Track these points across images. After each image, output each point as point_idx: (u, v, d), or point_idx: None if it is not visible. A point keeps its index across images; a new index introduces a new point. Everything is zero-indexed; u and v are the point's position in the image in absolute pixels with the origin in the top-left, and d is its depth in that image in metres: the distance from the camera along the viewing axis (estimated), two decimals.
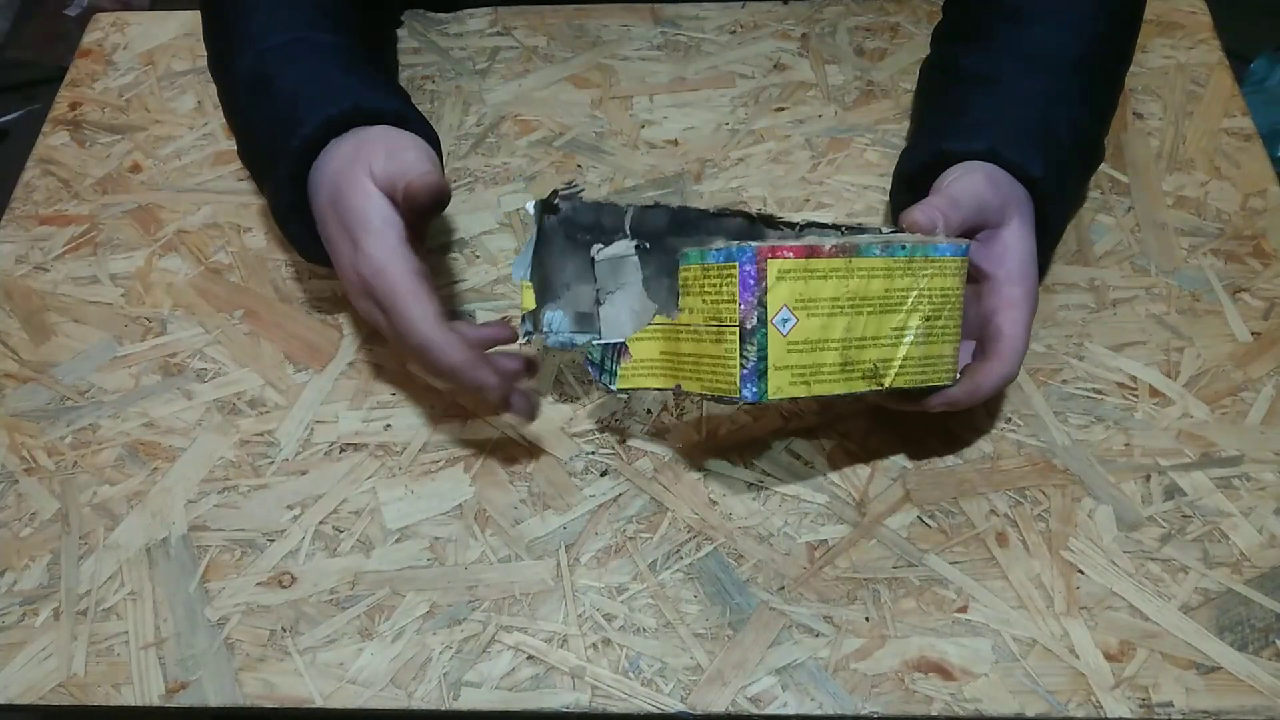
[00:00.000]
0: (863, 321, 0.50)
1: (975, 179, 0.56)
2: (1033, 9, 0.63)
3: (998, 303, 0.55)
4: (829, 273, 0.49)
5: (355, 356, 0.64)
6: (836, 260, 0.49)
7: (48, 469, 0.61)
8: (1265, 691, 0.51)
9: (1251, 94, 1.54)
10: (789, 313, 0.49)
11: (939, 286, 0.52)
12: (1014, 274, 0.55)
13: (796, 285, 0.48)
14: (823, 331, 0.49)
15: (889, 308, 0.51)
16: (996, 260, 0.56)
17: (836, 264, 0.49)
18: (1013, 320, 0.55)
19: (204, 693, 0.53)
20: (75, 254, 0.70)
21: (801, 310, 0.49)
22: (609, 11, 0.81)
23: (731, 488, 0.58)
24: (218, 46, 0.66)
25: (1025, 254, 0.56)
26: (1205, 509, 0.57)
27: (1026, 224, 0.57)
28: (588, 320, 0.58)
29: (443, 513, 0.58)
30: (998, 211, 0.56)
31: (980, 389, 0.54)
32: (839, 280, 0.49)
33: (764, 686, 0.52)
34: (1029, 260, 0.56)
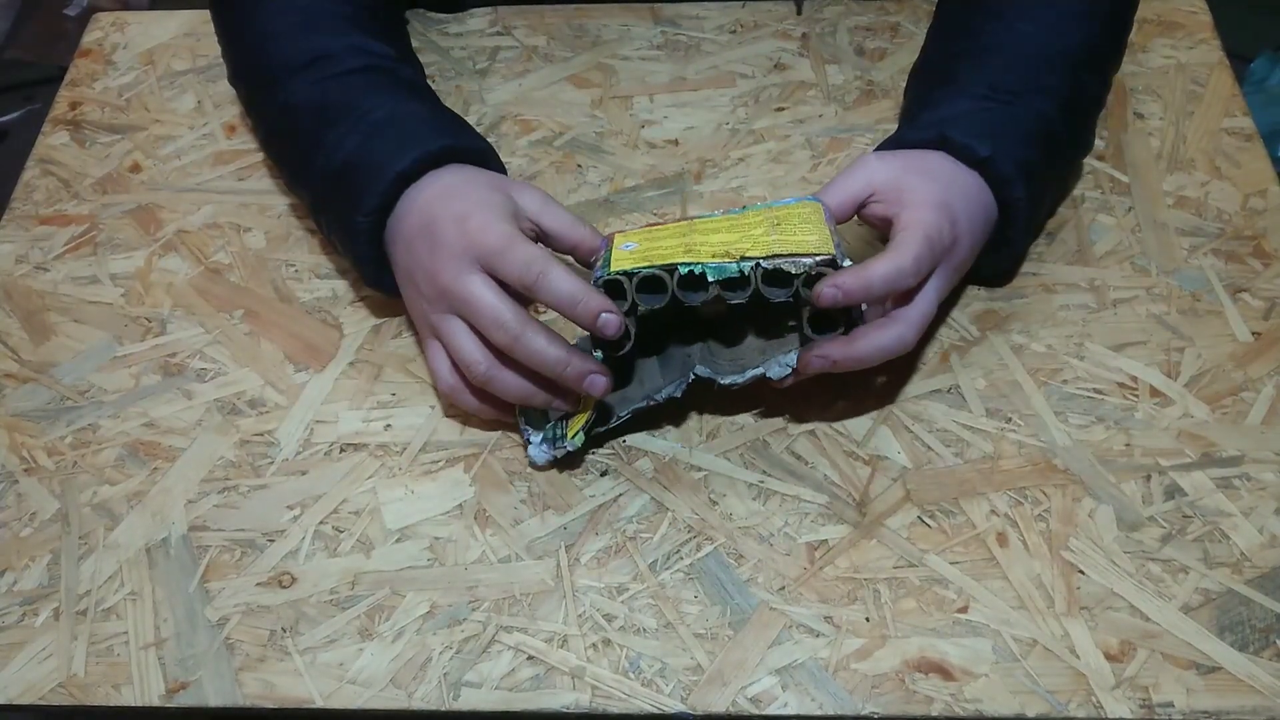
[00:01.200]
0: (704, 236, 0.56)
1: (848, 168, 0.59)
2: (1020, 6, 0.64)
3: (897, 227, 0.56)
4: (672, 231, 0.58)
5: (355, 356, 0.64)
6: (679, 223, 0.59)
7: (48, 469, 0.61)
8: (1265, 691, 0.51)
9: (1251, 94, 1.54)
10: (633, 242, 0.57)
11: (788, 212, 0.57)
12: (909, 204, 0.56)
13: (639, 234, 0.58)
14: (664, 243, 0.57)
15: (734, 229, 0.57)
16: (896, 204, 0.57)
17: (680, 225, 0.58)
18: (906, 226, 0.55)
19: (204, 693, 0.53)
20: (75, 254, 0.70)
21: (643, 238, 0.58)
22: (609, 11, 0.81)
23: (731, 488, 0.58)
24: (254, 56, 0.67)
25: (923, 193, 0.57)
26: (1206, 509, 0.56)
27: (924, 176, 0.58)
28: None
29: (443, 513, 0.58)
30: (877, 174, 0.58)
31: (871, 276, 0.53)
32: (679, 230, 0.58)
33: (764, 687, 0.52)
34: (929, 195, 0.57)
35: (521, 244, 0.55)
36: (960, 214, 0.57)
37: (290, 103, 0.64)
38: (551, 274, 0.54)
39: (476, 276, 0.55)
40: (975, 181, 0.59)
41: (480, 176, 0.60)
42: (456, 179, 0.59)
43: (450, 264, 0.55)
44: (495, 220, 0.56)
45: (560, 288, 0.54)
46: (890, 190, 0.58)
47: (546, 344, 0.54)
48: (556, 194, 0.71)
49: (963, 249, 0.58)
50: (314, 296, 0.67)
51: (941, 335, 0.64)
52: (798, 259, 0.54)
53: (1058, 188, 0.68)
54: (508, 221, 0.56)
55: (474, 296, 0.55)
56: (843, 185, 0.59)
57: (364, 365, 0.64)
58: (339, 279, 0.68)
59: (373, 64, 0.65)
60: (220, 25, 0.71)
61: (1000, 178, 0.59)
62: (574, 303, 0.54)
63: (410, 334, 0.65)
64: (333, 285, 0.67)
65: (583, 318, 0.54)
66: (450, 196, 0.58)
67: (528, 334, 0.54)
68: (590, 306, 0.53)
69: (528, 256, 0.54)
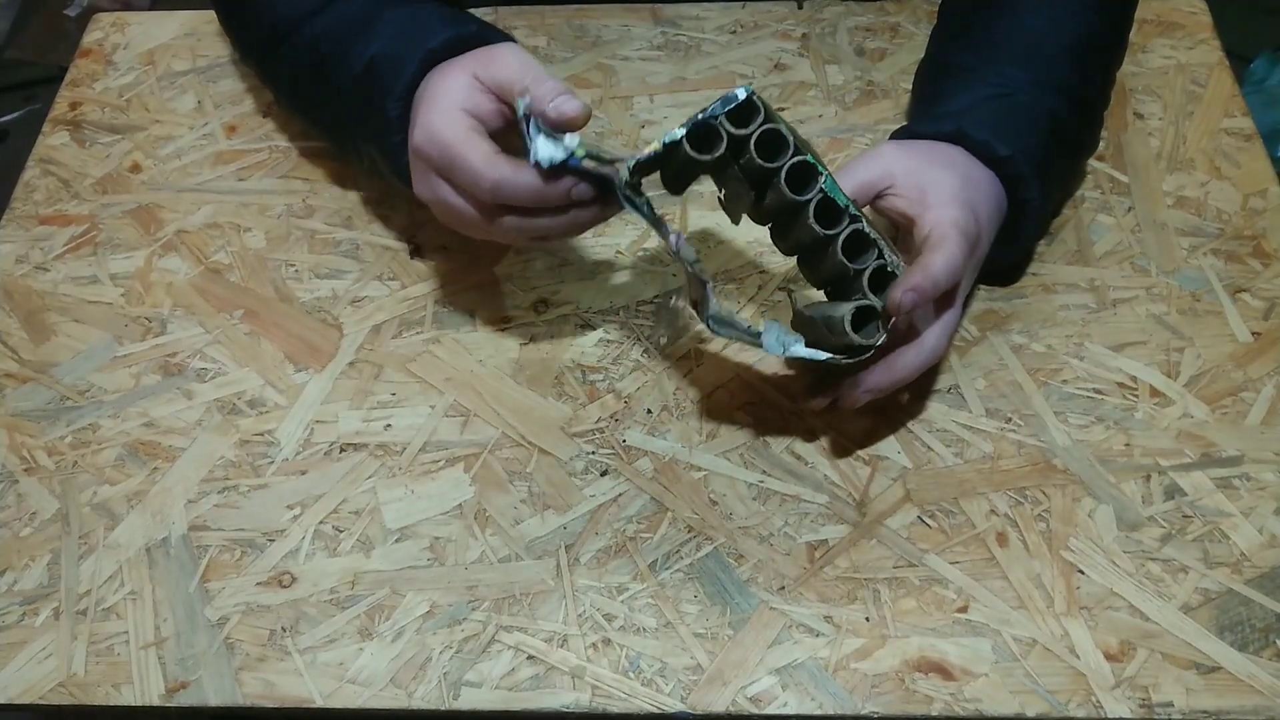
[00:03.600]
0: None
1: (864, 154, 0.58)
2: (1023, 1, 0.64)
3: (923, 227, 0.56)
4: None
5: (355, 356, 0.64)
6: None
7: (48, 469, 0.61)
8: (1265, 691, 0.51)
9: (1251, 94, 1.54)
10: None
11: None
12: (937, 202, 0.56)
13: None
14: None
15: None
16: (920, 201, 0.56)
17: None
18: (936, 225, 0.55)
19: (204, 692, 0.53)
20: (75, 254, 0.70)
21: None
22: (609, 11, 0.81)
23: (731, 488, 0.58)
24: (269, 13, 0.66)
25: (948, 188, 0.56)
26: (1205, 509, 0.56)
27: (946, 168, 0.57)
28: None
29: (443, 513, 0.58)
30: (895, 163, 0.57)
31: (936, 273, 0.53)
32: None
33: (764, 686, 0.52)
34: (954, 191, 0.56)
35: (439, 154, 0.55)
36: (981, 211, 0.57)
37: (313, 34, 0.64)
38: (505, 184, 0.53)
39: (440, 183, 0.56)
40: (990, 177, 0.59)
41: (474, 54, 0.58)
42: (459, 59, 0.58)
43: (414, 176, 0.57)
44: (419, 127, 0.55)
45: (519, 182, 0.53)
46: (911, 186, 0.57)
47: (521, 181, 0.53)
48: None
49: (983, 247, 0.58)
50: (314, 296, 0.67)
51: None
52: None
53: (1066, 186, 0.68)
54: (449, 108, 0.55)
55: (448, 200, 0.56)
56: (859, 170, 0.58)
57: (364, 365, 0.64)
58: (339, 279, 0.68)
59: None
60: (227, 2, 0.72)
61: (1017, 177, 0.59)
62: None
63: (410, 334, 0.65)
64: (333, 285, 0.67)
65: (550, 116, 0.53)
66: (435, 78, 0.57)
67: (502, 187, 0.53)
68: (558, 107, 0.53)
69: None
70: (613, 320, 0.65)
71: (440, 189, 0.56)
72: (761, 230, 0.58)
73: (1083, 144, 0.65)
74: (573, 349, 0.64)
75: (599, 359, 0.63)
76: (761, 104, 0.52)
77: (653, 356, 0.63)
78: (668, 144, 0.52)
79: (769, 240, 0.58)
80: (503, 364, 0.63)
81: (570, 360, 0.63)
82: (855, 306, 0.53)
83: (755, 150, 0.53)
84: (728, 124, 0.52)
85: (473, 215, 0.56)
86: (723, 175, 0.56)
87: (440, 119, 0.55)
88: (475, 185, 0.54)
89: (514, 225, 0.56)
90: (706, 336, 0.64)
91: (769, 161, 0.53)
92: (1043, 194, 0.60)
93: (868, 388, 0.56)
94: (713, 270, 0.67)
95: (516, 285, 0.67)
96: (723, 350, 0.63)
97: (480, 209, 0.55)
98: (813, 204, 0.54)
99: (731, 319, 0.55)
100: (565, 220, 0.55)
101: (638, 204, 0.53)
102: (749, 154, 0.53)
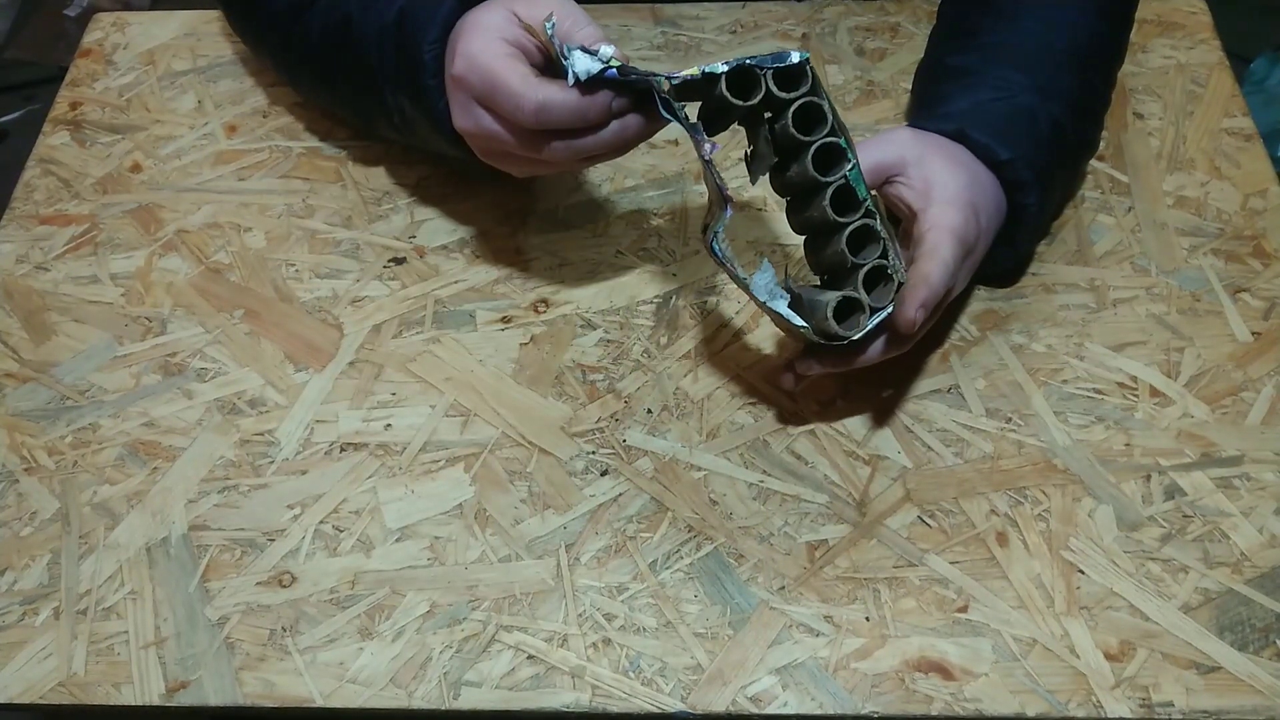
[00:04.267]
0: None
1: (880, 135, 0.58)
2: (1023, 4, 0.64)
3: (924, 225, 0.56)
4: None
5: (355, 356, 0.64)
6: None
7: (48, 468, 0.61)
8: (1265, 691, 0.51)
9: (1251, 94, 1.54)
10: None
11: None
12: (939, 201, 0.56)
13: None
14: None
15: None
16: (925, 196, 0.56)
17: None
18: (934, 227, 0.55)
19: (204, 692, 0.53)
20: (75, 254, 0.70)
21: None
22: (609, 11, 0.81)
23: (731, 488, 0.58)
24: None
25: (952, 187, 0.56)
26: (1205, 509, 0.56)
27: (954, 164, 0.57)
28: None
29: (443, 513, 0.58)
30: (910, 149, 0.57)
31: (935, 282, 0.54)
32: None
33: (764, 686, 0.52)
34: (958, 191, 0.56)
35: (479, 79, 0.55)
36: (982, 212, 0.57)
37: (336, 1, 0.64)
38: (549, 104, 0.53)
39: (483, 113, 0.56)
40: (992, 179, 0.59)
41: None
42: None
43: (455, 109, 0.57)
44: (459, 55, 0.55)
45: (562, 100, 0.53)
46: (919, 177, 0.57)
47: (563, 99, 0.53)
48: (557, 194, 0.71)
49: (980, 248, 0.58)
50: (314, 296, 0.67)
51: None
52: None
53: (1066, 190, 0.68)
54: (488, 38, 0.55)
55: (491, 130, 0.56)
56: (873, 150, 0.57)
57: (364, 365, 0.64)
58: (339, 279, 0.68)
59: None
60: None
61: (1016, 182, 0.59)
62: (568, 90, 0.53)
63: (410, 334, 0.65)
64: (333, 285, 0.67)
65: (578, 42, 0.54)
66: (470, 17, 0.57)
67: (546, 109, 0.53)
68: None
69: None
70: (613, 320, 0.65)
71: (483, 119, 0.56)
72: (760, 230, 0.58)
73: (1083, 146, 0.65)
74: (573, 349, 0.64)
75: (599, 359, 0.63)
76: (811, 73, 0.52)
77: (653, 356, 0.64)
78: (706, 73, 0.52)
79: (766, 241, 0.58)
80: (503, 364, 0.64)
81: (570, 360, 0.63)
82: (842, 296, 0.54)
83: (793, 119, 0.52)
84: (771, 81, 0.52)
85: (515, 143, 0.56)
86: (754, 131, 0.56)
87: (480, 46, 0.55)
88: (518, 109, 0.54)
89: (560, 148, 0.55)
90: (707, 336, 0.64)
91: (803, 134, 0.53)
92: (1041, 199, 0.60)
93: (827, 360, 0.56)
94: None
95: (516, 285, 0.67)
96: (723, 350, 0.63)
97: (523, 136, 0.55)
98: (833, 188, 0.54)
99: (731, 255, 0.54)
100: (610, 136, 0.55)
101: (677, 112, 0.53)
102: (785, 120, 0.53)
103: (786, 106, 0.52)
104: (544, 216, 0.70)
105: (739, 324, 0.64)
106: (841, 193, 0.54)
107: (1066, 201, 0.69)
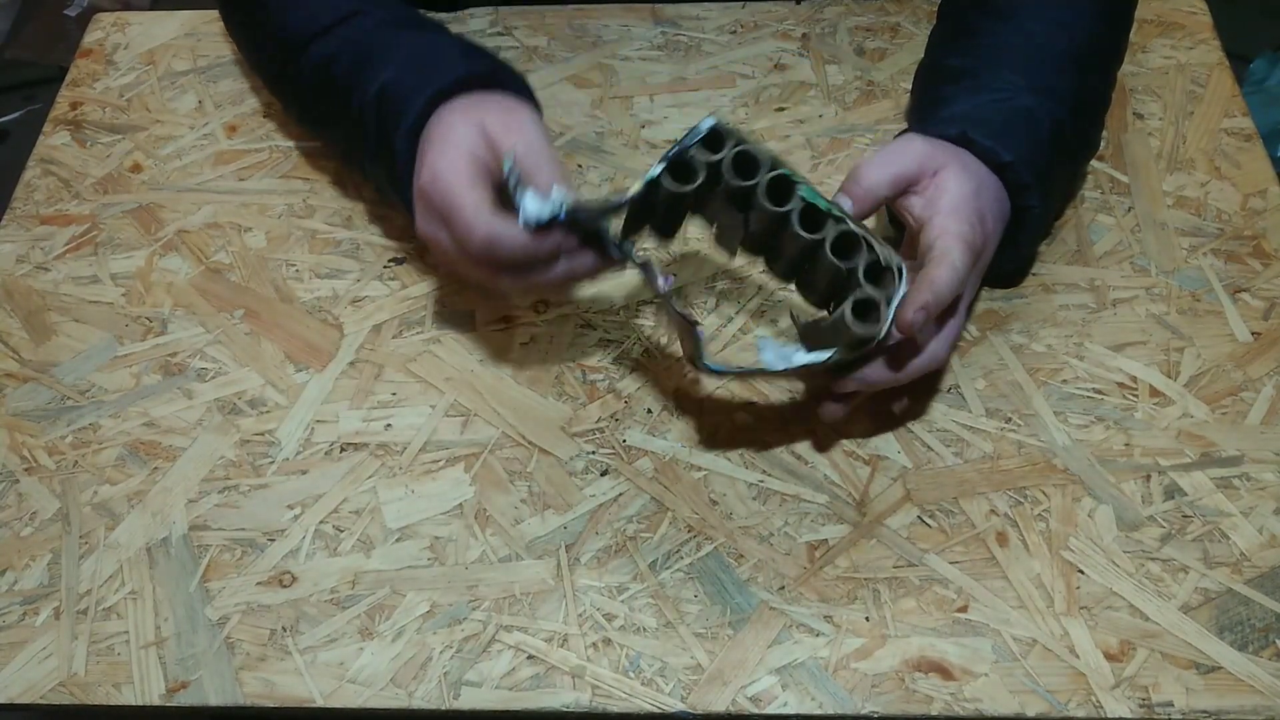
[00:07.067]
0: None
1: (896, 144, 0.58)
2: (1022, 6, 0.64)
3: (932, 233, 0.55)
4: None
5: (355, 356, 0.64)
6: None
7: (48, 468, 0.61)
8: (1265, 691, 0.51)
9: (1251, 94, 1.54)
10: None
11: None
12: (947, 210, 0.55)
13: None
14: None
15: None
16: (932, 205, 0.56)
17: None
18: (943, 234, 0.55)
19: (204, 692, 0.53)
20: (76, 254, 0.70)
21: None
22: (609, 11, 0.81)
23: (731, 488, 0.58)
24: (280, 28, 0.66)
25: (959, 195, 0.56)
26: (1205, 509, 0.57)
27: (965, 173, 0.57)
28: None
29: (443, 513, 0.58)
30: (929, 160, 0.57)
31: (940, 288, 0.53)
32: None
33: (764, 686, 0.52)
34: (965, 199, 0.56)
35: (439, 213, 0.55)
36: (989, 217, 0.57)
37: (325, 54, 0.64)
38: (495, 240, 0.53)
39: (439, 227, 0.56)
40: (996, 183, 0.59)
41: (491, 98, 0.59)
42: (471, 99, 0.58)
43: (417, 215, 0.57)
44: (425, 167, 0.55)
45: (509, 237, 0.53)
46: (929, 185, 0.57)
47: (512, 236, 0.53)
48: None
49: (988, 253, 0.58)
50: (314, 296, 0.67)
51: None
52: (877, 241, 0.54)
53: (1067, 190, 0.68)
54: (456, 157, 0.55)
55: (444, 244, 0.56)
56: (893, 161, 0.57)
57: (364, 365, 0.64)
58: (339, 279, 0.68)
59: (401, 16, 0.65)
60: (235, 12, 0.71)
61: (1019, 184, 0.58)
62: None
63: (410, 334, 0.65)
64: (333, 285, 0.67)
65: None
66: (426, 139, 0.57)
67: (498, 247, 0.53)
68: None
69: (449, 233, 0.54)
70: (613, 320, 0.65)
71: (441, 235, 0.56)
72: None
73: (1083, 147, 0.65)
74: (573, 349, 0.64)
75: (599, 359, 0.63)
76: (727, 130, 0.54)
77: (653, 356, 0.64)
78: (649, 181, 0.53)
79: None
80: (503, 364, 0.64)
81: (570, 360, 0.63)
82: (854, 299, 0.53)
83: (731, 171, 0.53)
84: (700, 153, 0.53)
85: (468, 267, 0.56)
86: (708, 208, 0.57)
87: (446, 164, 0.54)
88: (468, 239, 0.53)
89: (510, 281, 0.56)
90: (706, 336, 0.64)
91: (746, 180, 0.54)
92: (1044, 201, 0.60)
93: (861, 377, 0.56)
94: (712, 270, 0.67)
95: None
96: (723, 350, 0.63)
97: (475, 263, 0.55)
98: (795, 213, 0.54)
99: (724, 363, 0.55)
100: (561, 275, 0.55)
101: (630, 253, 0.54)
102: (726, 177, 0.53)
103: (721, 165, 0.54)
104: None
105: (739, 324, 0.64)
106: (806, 213, 0.54)
107: (1067, 202, 0.69)
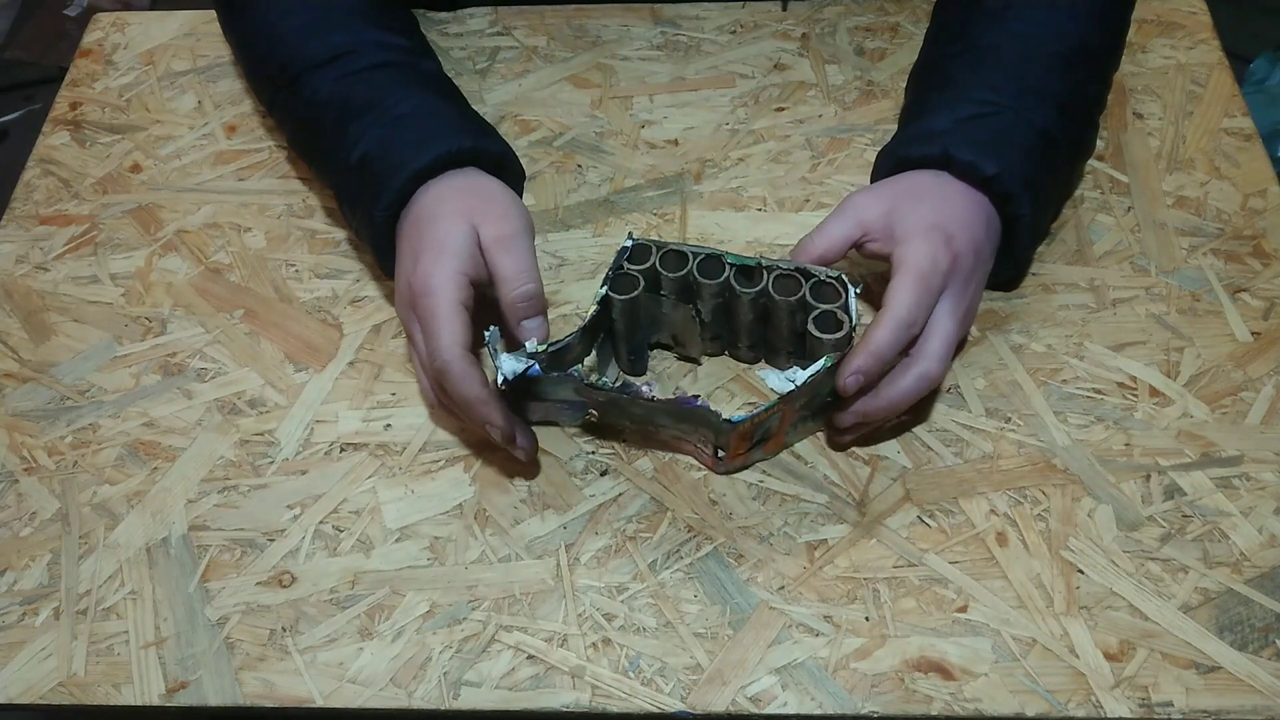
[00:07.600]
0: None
1: (837, 210, 0.59)
2: (1012, 6, 0.63)
3: (892, 266, 0.56)
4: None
5: (355, 356, 0.64)
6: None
7: (48, 469, 0.61)
8: (1265, 691, 0.51)
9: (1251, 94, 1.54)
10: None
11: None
12: (901, 245, 0.56)
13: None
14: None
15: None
16: (889, 243, 0.57)
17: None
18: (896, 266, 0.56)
19: (204, 692, 0.53)
20: (75, 254, 0.70)
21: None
22: (609, 11, 0.81)
23: (732, 488, 0.58)
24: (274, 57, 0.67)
25: (914, 226, 0.57)
26: (1205, 509, 0.57)
27: (917, 204, 0.58)
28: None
29: (443, 513, 0.58)
30: (869, 210, 0.58)
31: (880, 348, 0.54)
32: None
33: (764, 686, 0.52)
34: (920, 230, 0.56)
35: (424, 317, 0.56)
36: (955, 229, 0.57)
37: (315, 98, 0.64)
38: (452, 371, 0.54)
39: (415, 322, 0.58)
40: (975, 197, 0.59)
41: (481, 186, 0.60)
42: (460, 184, 0.59)
43: (399, 294, 0.59)
44: (420, 272, 0.56)
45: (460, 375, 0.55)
46: (882, 229, 0.58)
47: (465, 376, 0.55)
48: (556, 194, 0.71)
49: (966, 263, 0.57)
50: (314, 296, 0.67)
51: None
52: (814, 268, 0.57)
53: (1061, 194, 0.67)
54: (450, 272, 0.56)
55: (413, 337, 0.58)
56: (834, 228, 0.59)
57: (364, 365, 0.64)
58: (339, 279, 0.68)
59: (394, 59, 0.65)
60: (232, 30, 0.72)
61: (1005, 194, 0.58)
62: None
63: None
64: (333, 285, 0.67)
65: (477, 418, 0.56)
66: (418, 221, 0.58)
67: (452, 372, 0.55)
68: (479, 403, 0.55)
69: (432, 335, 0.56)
70: None
71: (413, 329, 0.58)
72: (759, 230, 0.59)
73: (1077, 150, 0.65)
74: None
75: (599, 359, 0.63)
76: (648, 241, 0.59)
77: (653, 356, 0.63)
78: (600, 300, 0.57)
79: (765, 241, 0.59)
80: None
81: None
82: (812, 316, 0.56)
83: (661, 268, 0.58)
84: (631, 265, 0.58)
85: (422, 372, 0.59)
86: (661, 321, 0.61)
87: (441, 280, 0.56)
88: (432, 356, 0.55)
89: (453, 406, 0.58)
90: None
91: (678, 270, 0.58)
92: (1034, 208, 0.59)
93: (857, 409, 0.56)
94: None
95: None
96: (723, 350, 0.63)
97: (429, 375, 0.58)
98: (730, 277, 0.57)
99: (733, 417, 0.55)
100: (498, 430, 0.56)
101: (601, 387, 0.55)
102: (663, 275, 0.58)
103: (655, 268, 0.58)
104: (544, 216, 0.70)
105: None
106: (741, 272, 0.57)
107: (1064, 204, 0.68)
